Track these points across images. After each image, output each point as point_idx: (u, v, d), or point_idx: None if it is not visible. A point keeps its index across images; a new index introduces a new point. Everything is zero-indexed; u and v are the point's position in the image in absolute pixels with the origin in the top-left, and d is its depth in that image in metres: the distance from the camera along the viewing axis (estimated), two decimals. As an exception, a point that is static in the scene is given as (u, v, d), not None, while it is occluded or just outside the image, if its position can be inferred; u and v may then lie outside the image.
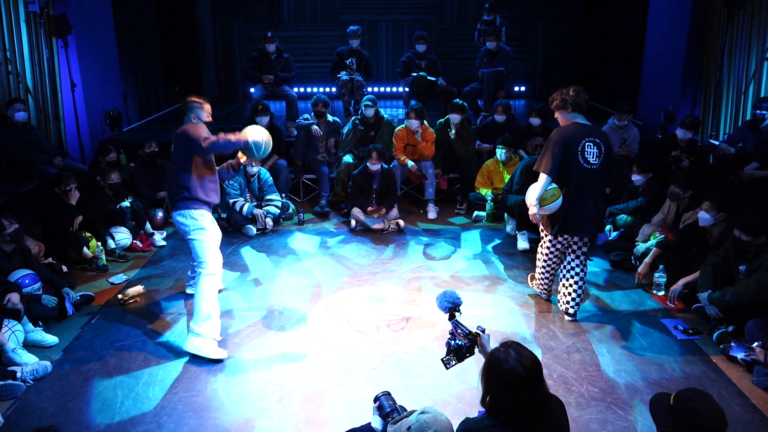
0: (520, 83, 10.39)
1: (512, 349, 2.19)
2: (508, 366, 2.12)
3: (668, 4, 8.38)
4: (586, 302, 4.69)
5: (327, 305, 4.70)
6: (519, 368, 2.11)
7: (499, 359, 2.16)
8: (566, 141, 4.00)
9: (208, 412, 3.43)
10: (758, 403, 3.51)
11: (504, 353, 2.17)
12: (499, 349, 2.21)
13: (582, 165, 4.01)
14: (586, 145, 4.00)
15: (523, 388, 2.10)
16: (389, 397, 2.64)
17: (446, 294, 2.82)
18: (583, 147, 3.99)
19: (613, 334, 4.26)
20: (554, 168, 4.00)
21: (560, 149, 3.99)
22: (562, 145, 3.99)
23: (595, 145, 4.01)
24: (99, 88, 8.10)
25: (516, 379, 2.10)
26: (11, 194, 6.17)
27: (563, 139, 4.01)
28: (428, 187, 6.78)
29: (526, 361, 2.14)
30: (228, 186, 6.17)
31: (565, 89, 4.08)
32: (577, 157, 4.00)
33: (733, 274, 4.21)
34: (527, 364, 2.13)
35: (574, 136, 4.00)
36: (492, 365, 2.18)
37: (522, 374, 2.10)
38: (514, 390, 2.10)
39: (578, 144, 3.99)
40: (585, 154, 4.00)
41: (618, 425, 3.32)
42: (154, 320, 4.46)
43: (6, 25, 6.51)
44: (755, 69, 6.87)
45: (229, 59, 11.11)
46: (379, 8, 10.84)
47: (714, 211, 4.56)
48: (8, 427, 3.31)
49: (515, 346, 2.22)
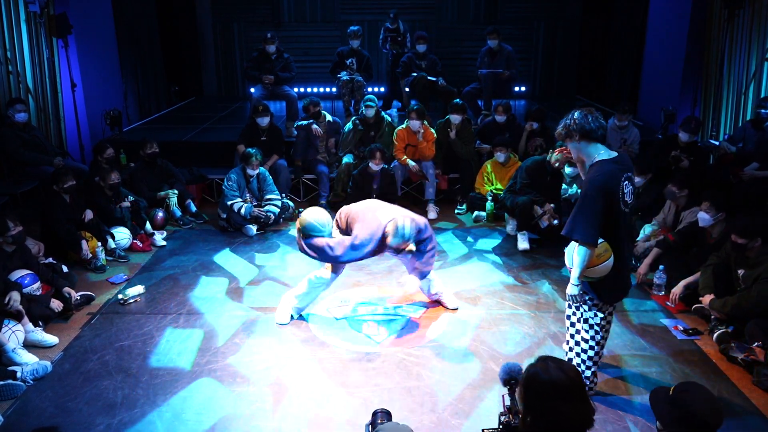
0: (520, 83, 10.40)
1: (550, 360, 2.01)
2: (548, 376, 1.93)
3: (668, 4, 8.39)
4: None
5: (327, 305, 4.70)
6: (562, 375, 1.92)
7: (537, 373, 1.97)
8: (607, 190, 3.03)
9: (208, 412, 3.43)
10: (758, 403, 3.50)
11: (541, 366, 1.99)
12: (534, 364, 2.02)
13: (624, 210, 3.13)
14: (624, 185, 3.08)
15: (567, 398, 1.92)
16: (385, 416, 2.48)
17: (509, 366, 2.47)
18: (622, 189, 3.07)
19: (613, 335, 4.26)
20: (595, 231, 3.03)
21: (602, 203, 3.03)
22: (603, 197, 3.02)
23: (629, 182, 3.14)
24: (99, 88, 8.11)
25: (559, 387, 1.92)
26: (11, 194, 6.18)
27: (604, 188, 3.03)
28: (428, 187, 6.78)
29: (568, 369, 1.96)
30: (227, 188, 6.17)
31: (570, 114, 3.16)
32: (619, 205, 3.08)
33: (733, 276, 4.21)
34: (571, 372, 1.95)
35: (612, 180, 3.05)
36: (529, 382, 1.98)
37: (565, 381, 1.92)
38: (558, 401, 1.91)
39: (618, 187, 3.05)
40: (625, 197, 3.11)
41: (618, 425, 3.31)
42: (154, 320, 4.46)
43: (6, 25, 6.52)
44: (755, 69, 6.87)
45: (229, 59, 11.12)
46: (379, 8, 10.82)
47: (713, 211, 4.56)
48: (8, 427, 3.31)
49: (551, 358, 2.04)
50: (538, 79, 11.19)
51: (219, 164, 7.37)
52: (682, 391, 2.17)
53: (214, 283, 5.09)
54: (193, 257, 5.61)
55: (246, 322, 4.45)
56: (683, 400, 2.13)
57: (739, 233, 4.04)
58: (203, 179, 7.19)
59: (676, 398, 2.16)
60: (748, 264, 4.07)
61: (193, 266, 5.41)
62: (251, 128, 7.02)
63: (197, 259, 5.55)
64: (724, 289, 4.20)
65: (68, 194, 5.40)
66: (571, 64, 11.11)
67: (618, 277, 3.22)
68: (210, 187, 7.27)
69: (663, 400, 2.20)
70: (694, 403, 2.12)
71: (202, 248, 5.82)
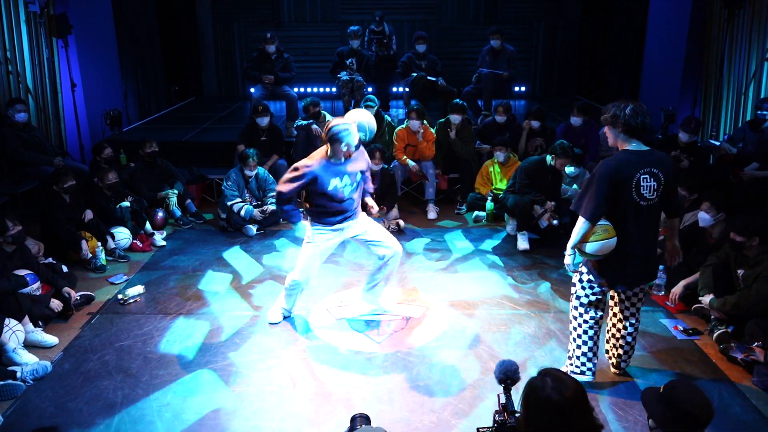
0: (520, 83, 10.40)
1: (549, 377, 2.01)
2: (545, 395, 1.96)
3: (668, 4, 8.39)
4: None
5: (327, 305, 4.70)
6: (556, 396, 1.95)
7: (536, 388, 2.00)
8: (616, 176, 3.24)
9: (208, 412, 3.43)
10: (758, 403, 3.50)
11: (540, 382, 2.01)
12: (536, 378, 2.05)
13: (638, 202, 3.29)
14: (641, 178, 3.26)
15: (566, 418, 1.94)
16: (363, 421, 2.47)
17: (504, 364, 2.51)
18: (638, 181, 3.26)
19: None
20: (595, 211, 3.26)
21: (606, 187, 3.24)
22: (609, 182, 3.24)
23: (653, 177, 3.27)
24: (99, 88, 8.11)
25: (554, 408, 1.95)
26: (11, 194, 6.18)
27: (611, 173, 3.25)
28: (428, 187, 6.78)
29: (565, 389, 1.97)
30: (226, 188, 6.17)
31: (624, 103, 3.32)
32: (630, 194, 3.26)
33: (732, 276, 4.21)
34: (567, 393, 1.96)
35: (625, 169, 3.25)
36: (530, 394, 2.02)
37: (562, 403, 1.94)
38: (553, 420, 1.95)
39: (632, 179, 3.25)
40: (641, 190, 3.26)
41: (618, 425, 3.32)
42: (154, 320, 4.46)
43: (6, 25, 6.52)
44: (755, 69, 6.87)
45: (229, 59, 11.12)
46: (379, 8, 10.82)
47: (714, 211, 4.56)
48: (8, 427, 3.31)
49: (553, 372, 2.04)
50: (538, 79, 11.19)
51: (219, 164, 7.37)
52: (671, 389, 2.20)
53: (215, 283, 5.09)
54: (193, 257, 5.61)
55: (246, 321, 4.45)
56: (673, 398, 2.17)
57: (737, 231, 4.06)
58: (203, 179, 7.19)
59: (665, 396, 2.19)
60: (748, 263, 4.07)
61: (193, 266, 5.41)
62: (251, 128, 7.02)
63: (197, 259, 5.55)
64: (723, 289, 4.20)
65: (68, 194, 5.40)
66: (571, 64, 11.11)
67: (622, 263, 3.36)
68: (210, 187, 7.27)
69: (653, 398, 2.23)
70: (683, 399, 2.15)
71: (202, 248, 5.82)
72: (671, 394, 2.19)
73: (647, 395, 2.29)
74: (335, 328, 4.38)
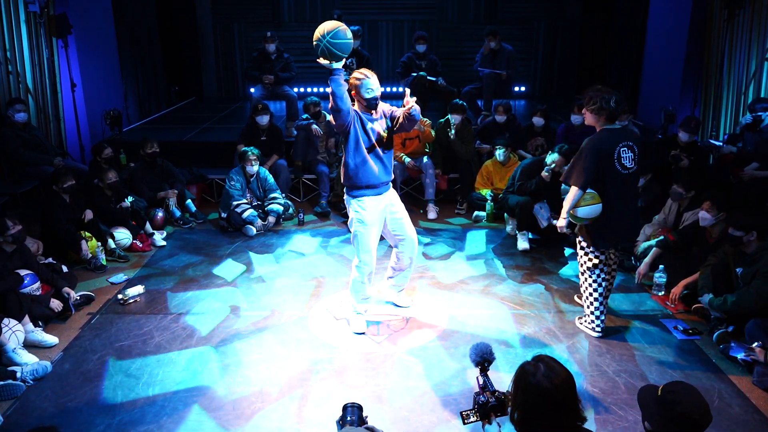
0: (520, 83, 10.40)
1: (542, 363, 2.03)
2: (536, 381, 1.98)
3: (668, 4, 8.39)
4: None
5: (327, 305, 4.70)
6: (546, 383, 1.97)
7: (527, 373, 2.02)
8: (600, 150, 3.80)
9: (208, 412, 3.43)
10: (758, 403, 3.51)
11: (532, 367, 2.03)
12: (529, 362, 2.08)
13: (620, 171, 3.83)
14: (621, 150, 3.82)
15: (553, 407, 1.97)
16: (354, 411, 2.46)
17: (479, 347, 2.61)
18: (619, 153, 3.82)
19: (613, 335, 4.26)
20: (586, 181, 3.81)
21: (594, 159, 3.80)
22: (596, 156, 3.80)
23: (629, 149, 3.84)
24: (99, 88, 8.11)
25: (543, 395, 1.97)
26: (11, 194, 6.18)
27: (596, 148, 3.81)
28: (428, 187, 6.78)
29: (555, 377, 1.99)
30: (230, 188, 6.18)
31: (608, 93, 3.80)
32: (613, 164, 3.81)
33: (732, 276, 4.21)
34: (557, 381, 1.98)
35: (607, 144, 3.81)
36: (521, 378, 2.05)
37: (551, 391, 1.96)
38: (541, 408, 1.98)
39: (613, 151, 3.81)
40: (621, 160, 3.82)
41: (618, 425, 3.32)
42: (154, 320, 4.46)
43: (6, 25, 6.52)
44: (755, 69, 6.87)
45: (229, 59, 11.12)
46: (379, 8, 10.84)
47: (715, 211, 4.56)
48: (8, 427, 3.31)
49: (546, 360, 2.06)
50: (538, 79, 11.19)
51: (219, 164, 7.38)
52: (669, 391, 2.17)
53: (214, 282, 5.09)
54: (193, 257, 5.61)
55: (246, 322, 4.45)
56: (671, 400, 2.13)
57: (735, 225, 4.07)
58: (203, 179, 7.20)
59: (663, 398, 2.16)
60: (746, 261, 4.08)
61: (193, 266, 5.41)
62: (251, 128, 7.02)
63: (197, 259, 5.55)
64: (723, 288, 4.20)
65: (68, 194, 5.40)
66: (571, 64, 11.12)
67: (609, 225, 3.93)
68: (210, 187, 7.28)
69: (651, 400, 2.21)
70: (681, 402, 2.11)
71: (202, 248, 5.82)
72: (670, 398, 2.16)
73: (644, 396, 2.27)
74: (335, 328, 4.38)
